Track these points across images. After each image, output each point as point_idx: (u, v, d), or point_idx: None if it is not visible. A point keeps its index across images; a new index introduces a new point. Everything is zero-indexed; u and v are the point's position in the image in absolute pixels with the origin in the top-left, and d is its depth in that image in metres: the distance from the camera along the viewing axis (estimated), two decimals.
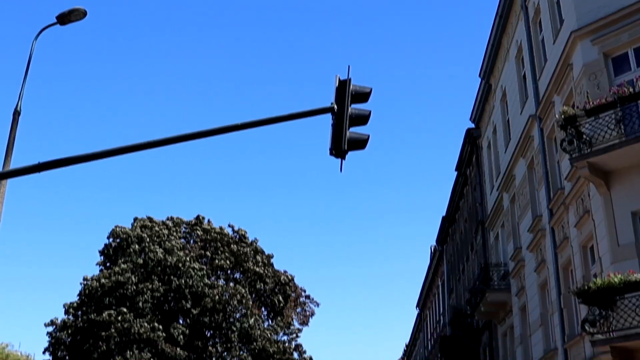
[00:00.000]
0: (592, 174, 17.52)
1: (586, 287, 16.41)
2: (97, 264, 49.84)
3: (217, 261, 50.15)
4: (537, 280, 23.95)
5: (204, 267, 48.46)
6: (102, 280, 45.63)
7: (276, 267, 52.82)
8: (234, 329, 47.59)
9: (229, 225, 53.26)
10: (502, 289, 29.06)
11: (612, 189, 17.66)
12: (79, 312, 46.51)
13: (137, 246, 47.89)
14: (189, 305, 46.72)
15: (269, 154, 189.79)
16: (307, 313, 54.10)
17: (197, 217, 52.90)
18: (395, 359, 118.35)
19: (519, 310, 26.91)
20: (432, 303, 58.54)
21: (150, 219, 50.70)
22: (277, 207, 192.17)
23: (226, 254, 50.75)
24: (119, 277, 45.44)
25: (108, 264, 49.10)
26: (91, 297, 45.96)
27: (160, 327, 45.46)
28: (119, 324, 43.91)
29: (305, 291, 54.52)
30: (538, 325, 23.73)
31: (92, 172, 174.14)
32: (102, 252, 49.88)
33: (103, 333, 43.97)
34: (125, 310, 44.55)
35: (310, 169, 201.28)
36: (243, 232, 53.24)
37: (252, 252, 51.86)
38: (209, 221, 52.86)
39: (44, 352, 47.72)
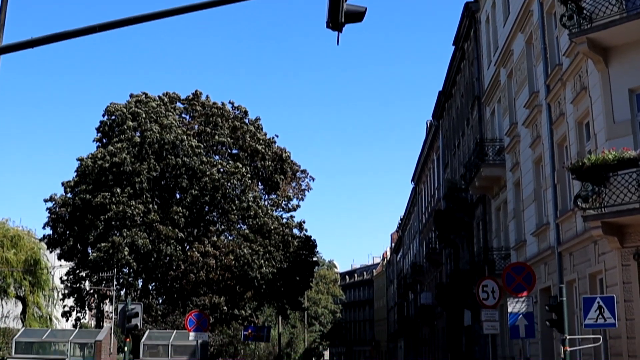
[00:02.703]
0: (590, 50, 17.33)
1: (580, 163, 16.54)
2: (93, 140, 49.86)
3: (217, 137, 50.05)
4: (531, 156, 24.10)
5: (201, 146, 48.41)
6: (99, 162, 45.63)
7: (274, 144, 52.97)
8: (233, 206, 48.07)
9: (230, 102, 52.97)
10: (496, 163, 29.29)
11: (610, 65, 17.51)
12: (77, 190, 46.91)
13: (132, 123, 47.69)
14: (186, 185, 46.99)
15: (267, 33, 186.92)
16: (303, 187, 54.62)
17: (195, 93, 52.42)
18: (390, 232, 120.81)
19: (513, 185, 27.22)
20: (427, 177, 59.14)
21: (145, 95, 50.23)
22: (275, 85, 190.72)
23: (226, 130, 50.59)
24: (115, 158, 45.41)
25: (105, 141, 49.09)
26: (87, 175, 46.14)
27: (156, 207, 45.91)
28: (114, 206, 44.30)
29: (300, 167, 54.89)
30: (531, 200, 24.06)
31: (87, 51, 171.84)
32: (98, 130, 49.74)
33: (101, 216, 44.45)
34: (119, 191, 44.80)
35: (309, 49, 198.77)
36: (244, 109, 53.00)
37: (253, 129, 51.79)
38: (207, 97, 52.46)
39: (44, 227, 48.53)
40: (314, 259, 56.04)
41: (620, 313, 15.87)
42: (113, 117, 48.79)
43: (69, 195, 47.40)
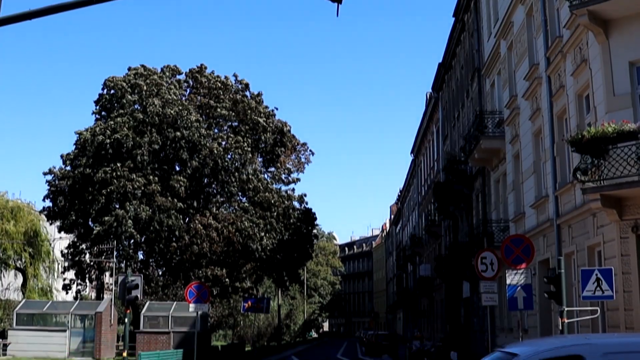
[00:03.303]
0: (591, 22, 17.22)
1: (580, 136, 16.50)
2: (92, 113, 49.71)
3: (218, 110, 49.92)
4: (531, 128, 24.06)
5: (200, 119, 48.28)
6: (99, 137, 45.52)
7: (276, 118, 52.97)
8: (233, 178, 48.09)
9: (234, 75, 52.87)
10: (496, 136, 29.25)
11: (610, 38, 17.42)
12: (77, 163, 46.93)
13: (131, 96, 47.52)
14: (186, 157, 46.96)
15: (268, 6, 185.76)
16: (303, 160, 54.69)
17: (200, 66, 52.09)
18: (389, 204, 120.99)
19: (512, 158, 27.20)
20: (426, 149, 59.11)
21: (144, 67, 49.95)
22: (275, 60, 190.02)
23: (227, 103, 50.47)
24: (117, 134, 45.28)
25: (104, 114, 48.93)
26: (86, 149, 46.09)
27: (156, 179, 45.91)
28: (115, 181, 44.30)
29: (300, 140, 54.96)
30: (530, 172, 24.06)
31: (86, 23, 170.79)
32: (96, 103, 49.54)
33: (103, 191, 44.46)
34: (120, 166, 44.75)
35: (310, 24, 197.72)
36: (245, 82, 52.89)
37: (255, 103, 51.68)
38: (212, 72, 52.28)
39: (43, 200, 48.63)
40: (314, 231, 56.25)
41: (618, 285, 15.93)
42: (112, 91, 48.60)
43: (68, 167, 47.40)
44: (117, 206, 44.99)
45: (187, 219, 48.08)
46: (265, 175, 52.02)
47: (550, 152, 21.56)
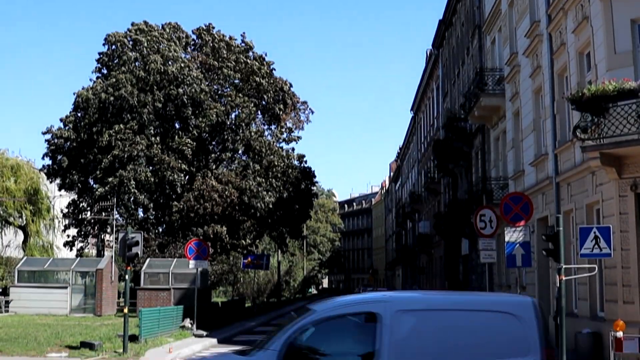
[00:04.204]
0: None
1: (580, 94, 16.44)
2: (93, 71, 49.50)
3: (223, 70, 49.67)
4: (531, 86, 23.97)
5: (201, 76, 48.05)
6: (100, 94, 45.33)
7: (276, 75, 52.80)
8: (237, 137, 48.06)
9: (241, 35, 52.64)
10: (496, 93, 29.16)
11: None
12: (77, 124, 46.92)
13: (133, 53, 47.21)
14: (190, 115, 46.83)
15: None
16: (302, 118, 54.61)
17: (208, 26, 51.64)
18: (389, 161, 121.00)
19: (512, 115, 27.15)
20: (426, 107, 58.93)
21: (146, 24, 49.52)
22: (275, 10, 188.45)
23: (232, 63, 50.20)
24: (118, 91, 45.08)
25: (105, 72, 48.67)
26: (86, 108, 45.93)
27: (158, 140, 45.83)
28: (120, 143, 44.20)
29: (300, 99, 54.80)
30: (530, 130, 24.03)
31: None
32: (98, 61, 49.27)
33: (108, 156, 44.37)
34: (123, 127, 44.61)
35: None
36: (249, 43, 52.54)
37: (257, 63, 51.42)
38: (218, 30, 51.93)
39: (43, 158, 48.65)
40: (313, 189, 56.38)
41: (616, 243, 16.01)
42: (113, 47, 48.29)
43: (68, 127, 47.40)
44: (119, 166, 44.90)
45: (188, 177, 48.09)
46: (267, 134, 51.99)
47: (550, 109, 21.51)
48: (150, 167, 45.18)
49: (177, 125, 48.51)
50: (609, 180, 17.00)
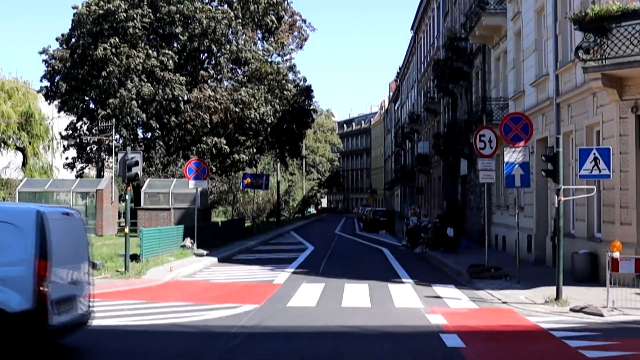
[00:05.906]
0: None
1: (583, 13, 16.27)
2: None
3: None
4: (533, 5, 23.64)
5: None
6: (93, 7, 44.68)
7: None
8: (224, 51, 47.31)
9: None
10: (498, 12, 28.82)
11: None
12: (73, 42, 46.33)
13: None
14: (179, 31, 46.12)
15: None
16: (303, 36, 53.72)
17: None
18: (388, 82, 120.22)
19: (513, 35, 26.86)
20: (427, 26, 58.20)
21: None
22: None
23: None
24: (109, 5, 44.40)
25: None
26: (82, 25, 45.28)
27: (154, 53, 45.25)
28: (116, 58, 43.66)
29: (301, 15, 53.73)
30: (532, 50, 23.81)
31: None
32: None
33: (103, 72, 43.87)
34: (118, 41, 43.99)
35: None
36: None
37: None
38: None
39: (41, 80, 48.26)
40: (311, 106, 56.00)
41: (615, 165, 16.06)
42: None
43: (64, 46, 46.86)
44: (117, 84, 44.40)
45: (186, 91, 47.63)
46: (259, 47, 50.90)
47: (552, 30, 21.27)
48: (150, 83, 44.59)
49: (167, 42, 47.76)
50: (609, 102, 16.94)
